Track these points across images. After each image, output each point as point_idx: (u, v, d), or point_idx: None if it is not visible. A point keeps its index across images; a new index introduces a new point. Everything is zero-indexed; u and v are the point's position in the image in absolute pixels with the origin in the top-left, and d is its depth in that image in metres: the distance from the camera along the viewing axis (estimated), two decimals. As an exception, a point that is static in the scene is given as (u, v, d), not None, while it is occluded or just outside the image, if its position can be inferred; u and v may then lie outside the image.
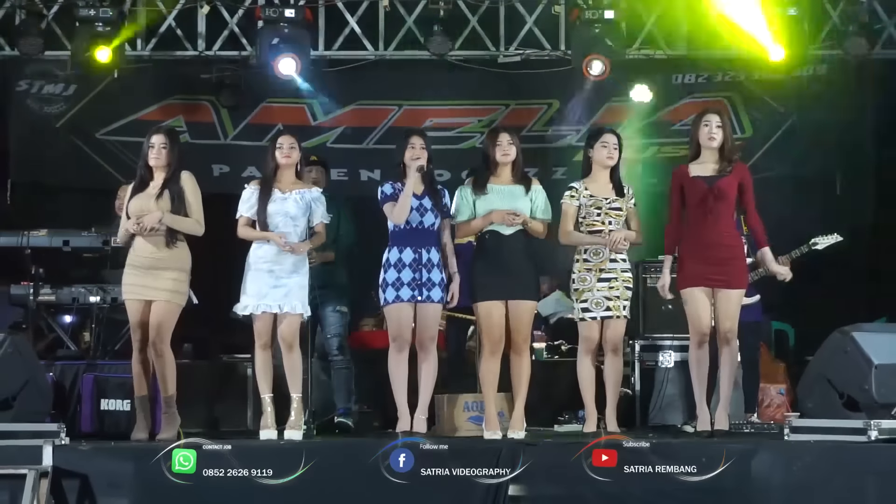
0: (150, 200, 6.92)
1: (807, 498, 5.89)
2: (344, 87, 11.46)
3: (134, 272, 6.94)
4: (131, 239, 6.95)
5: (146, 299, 6.91)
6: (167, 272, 6.92)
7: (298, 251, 6.87)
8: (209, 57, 10.55)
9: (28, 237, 8.24)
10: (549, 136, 11.55)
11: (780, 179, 10.78)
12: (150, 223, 6.85)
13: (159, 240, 6.89)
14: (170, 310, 6.93)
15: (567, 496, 5.91)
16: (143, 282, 6.91)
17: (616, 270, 7.08)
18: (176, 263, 6.97)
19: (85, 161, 11.21)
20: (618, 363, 7.17)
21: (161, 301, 6.90)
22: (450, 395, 7.71)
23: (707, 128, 7.04)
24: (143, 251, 6.91)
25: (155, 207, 6.89)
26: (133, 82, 10.90)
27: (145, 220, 6.85)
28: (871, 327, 6.89)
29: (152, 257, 6.90)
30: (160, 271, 6.91)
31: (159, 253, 6.91)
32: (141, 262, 6.92)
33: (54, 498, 5.76)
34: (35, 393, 6.64)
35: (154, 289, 6.90)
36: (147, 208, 6.90)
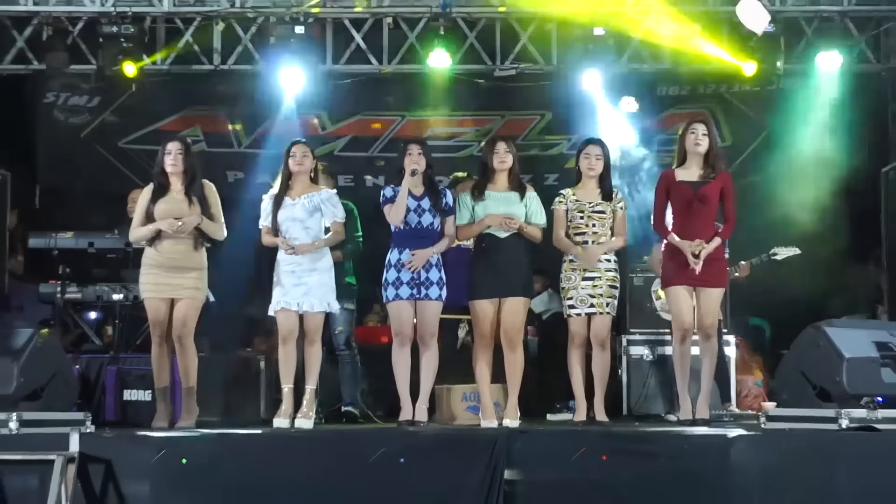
0: (181, 204, 6.94)
1: (782, 482, 5.88)
2: (350, 98, 11.49)
3: (156, 271, 6.94)
4: (153, 239, 6.95)
5: (169, 297, 6.92)
6: (190, 272, 6.95)
7: (299, 252, 6.86)
8: (224, 71, 10.57)
9: (55, 239, 8.25)
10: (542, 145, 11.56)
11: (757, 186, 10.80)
12: (192, 225, 6.88)
13: (188, 242, 6.92)
14: (193, 306, 6.96)
15: (558, 480, 5.90)
16: (166, 281, 6.92)
17: (601, 270, 7.10)
18: (197, 264, 7.00)
19: (108, 168, 11.23)
20: (605, 357, 7.17)
21: (186, 299, 6.92)
22: (449, 387, 7.74)
23: (693, 135, 7.06)
24: (169, 252, 6.92)
25: (189, 211, 6.91)
26: (153, 94, 10.93)
27: (187, 222, 6.87)
28: (842, 323, 6.91)
29: (178, 258, 6.92)
30: (184, 271, 6.93)
31: (186, 254, 6.93)
32: (165, 261, 6.92)
33: (80, 482, 5.76)
34: (62, 384, 6.65)
35: (178, 287, 6.92)
36: (180, 212, 6.91)
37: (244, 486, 5.90)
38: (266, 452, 6.19)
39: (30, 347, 6.40)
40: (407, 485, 5.90)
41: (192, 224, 6.89)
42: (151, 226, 6.92)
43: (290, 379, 6.92)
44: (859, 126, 10.85)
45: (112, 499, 5.81)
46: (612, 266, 7.16)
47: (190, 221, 6.88)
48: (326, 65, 10.40)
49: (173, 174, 6.99)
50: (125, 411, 7.72)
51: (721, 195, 7.02)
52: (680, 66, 10.65)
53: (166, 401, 7.00)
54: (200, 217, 6.90)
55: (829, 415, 6.23)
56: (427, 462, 5.97)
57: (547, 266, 7.86)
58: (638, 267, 8.39)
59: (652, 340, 8.47)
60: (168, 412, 6.98)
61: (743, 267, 8.33)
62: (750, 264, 8.30)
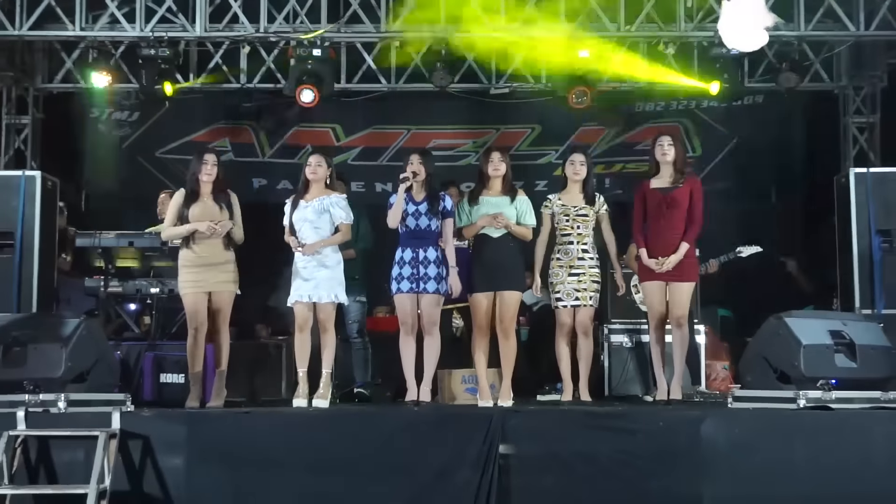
0: (213, 209, 6.95)
1: (747, 455, 5.89)
2: (362, 113, 11.50)
3: (193, 269, 6.93)
4: (187, 239, 6.94)
5: (206, 291, 6.92)
6: (223, 267, 6.95)
7: (307, 251, 6.86)
8: (249, 89, 10.56)
9: (99, 238, 8.23)
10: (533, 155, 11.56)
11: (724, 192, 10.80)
12: (227, 228, 6.89)
13: (220, 242, 6.93)
14: (228, 298, 6.98)
15: (546, 454, 5.91)
16: (203, 277, 6.92)
17: (584, 267, 7.12)
18: (228, 259, 7.00)
19: (147, 175, 11.23)
20: (588, 344, 7.19)
21: (222, 291, 6.93)
22: (449, 371, 7.73)
23: (661, 147, 7.08)
24: (203, 251, 6.91)
25: (220, 216, 6.93)
26: (186, 109, 10.93)
27: (224, 226, 6.88)
28: (800, 314, 6.89)
29: (212, 256, 6.92)
30: (217, 266, 6.93)
31: (218, 252, 6.93)
32: (201, 260, 6.91)
33: (121, 455, 5.78)
34: (105, 368, 6.65)
35: (214, 282, 6.92)
36: (212, 216, 6.91)
37: (268, 458, 5.92)
38: (287, 429, 6.21)
39: (77, 335, 6.40)
40: (412, 457, 5.90)
41: (227, 227, 6.91)
42: (189, 226, 6.91)
43: (305, 363, 6.91)
44: (814, 138, 10.87)
45: (149, 471, 5.82)
46: (595, 263, 7.18)
47: (225, 225, 6.91)
48: (341, 83, 10.38)
49: (207, 182, 6.99)
50: (161, 393, 7.71)
51: (689, 199, 7.02)
52: (654, 85, 10.65)
53: (198, 383, 6.99)
54: (232, 222, 6.94)
55: (789, 395, 6.26)
56: (430, 437, 5.99)
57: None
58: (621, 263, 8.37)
59: (631, 329, 8.44)
60: (199, 394, 6.98)
61: (712, 264, 8.36)
62: (719, 262, 8.32)
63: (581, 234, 7.15)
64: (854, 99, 10.84)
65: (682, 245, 6.96)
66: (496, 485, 5.79)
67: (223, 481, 5.84)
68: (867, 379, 6.37)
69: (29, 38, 9.88)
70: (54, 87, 10.77)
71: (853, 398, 6.24)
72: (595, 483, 5.83)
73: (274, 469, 5.87)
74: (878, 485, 5.76)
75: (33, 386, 6.09)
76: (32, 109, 10.72)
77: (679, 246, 6.95)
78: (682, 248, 6.95)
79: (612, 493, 5.81)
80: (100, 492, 5.53)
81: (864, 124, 10.81)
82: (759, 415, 6.22)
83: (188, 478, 5.84)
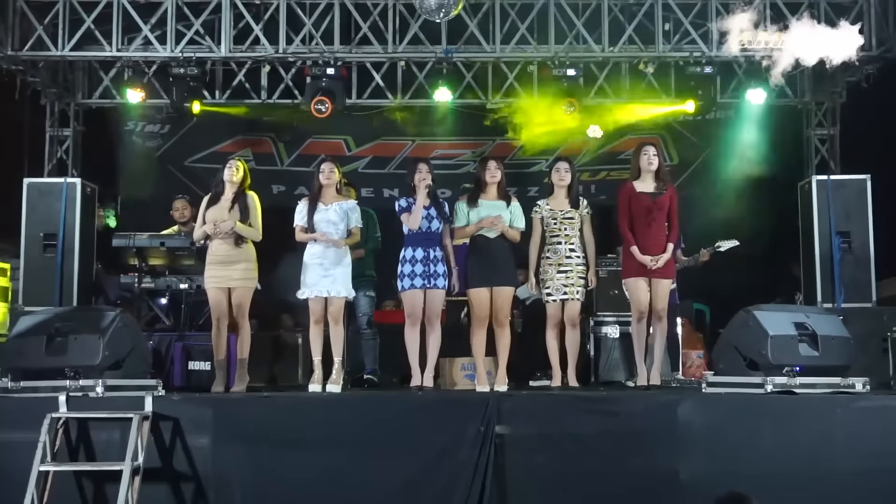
0: (223, 211, 6.94)
1: (719, 435, 5.89)
2: (370, 126, 11.49)
3: (214, 267, 6.94)
4: (207, 239, 6.95)
5: (226, 287, 6.91)
6: (239, 264, 6.93)
7: (338, 245, 6.87)
8: (269, 104, 10.56)
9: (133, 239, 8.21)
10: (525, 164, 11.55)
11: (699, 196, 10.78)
12: (225, 229, 6.86)
13: (230, 241, 6.91)
14: (246, 293, 6.96)
15: (538, 433, 5.90)
16: (223, 274, 6.91)
17: (571, 264, 7.12)
18: (245, 257, 6.98)
19: (176, 182, 11.20)
20: (576, 334, 7.17)
21: (240, 287, 6.92)
22: (450, 359, 7.72)
23: (646, 156, 7.06)
24: (219, 251, 6.92)
25: (228, 217, 6.91)
26: (212, 122, 10.90)
27: (222, 227, 6.86)
28: (767, 307, 6.88)
29: (227, 254, 6.91)
30: (234, 264, 6.92)
31: (231, 251, 6.92)
32: (219, 258, 6.92)
33: (153, 435, 5.77)
34: (139, 356, 6.65)
35: (232, 278, 6.91)
36: (221, 217, 6.91)
37: (286, 438, 5.91)
38: (303, 411, 6.21)
39: (113, 326, 6.39)
40: (417, 437, 5.90)
41: (226, 228, 6.87)
42: (203, 228, 6.95)
43: (319, 352, 6.90)
44: (780, 148, 10.85)
45: (179, 449, 5.81)
46: (581, 262, 7.17)
47: (223, 226, 6.87)
48: (352, 99, 10.38)
49: (229, 182, 6.99)
50: (189, 379, 7.69)
51: (669, 206, 7.02)
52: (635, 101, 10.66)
53: (223, 370, 6.99)
54: (234, 222, 6.88)
55: (757, 381, 6.26)
56: (433, 419, 5.97)
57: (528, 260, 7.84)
58: (603, 262, 8.36)
59: (615, 321, 8.45)
60: (224, 379, 6.97)
61: (703, 253, 8.35)
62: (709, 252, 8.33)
63: (568, 234, 7.14)
64: (816, 113, 10.86)
65: (669, 245, 6.97)
66: (492, 461, 5.77)
67: (245, 459, 5.83)
68: (828, 366, 6.37)
69: (70, 58, 9.90)
70: (93, 102, 10.78)
71: (815, 384, 6.23)
72: (582, 460, 5.82)
73: (291, 447, 5.86)
74: (838, 462, 5.75)
75: (74, 372, 6.09)
76: (73, 123, 10.73)
77: (666, 246, 6.96)
78: (669, 247, 6.97)
79: (597, 469, 5.80)
80: (134, 468, 5.52)
81: (824, 136, 10.84)
82: (731, 398, 6.21)
83: (214, 455, 5.83)
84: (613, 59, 10.13)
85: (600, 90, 10.52)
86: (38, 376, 6.15)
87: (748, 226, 9.73)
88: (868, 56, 9.65)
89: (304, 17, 9.81)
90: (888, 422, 5.93)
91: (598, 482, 5.77)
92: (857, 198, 8.54)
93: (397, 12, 9.83)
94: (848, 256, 8.46)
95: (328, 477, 5.80)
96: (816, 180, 8.75)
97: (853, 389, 6.22)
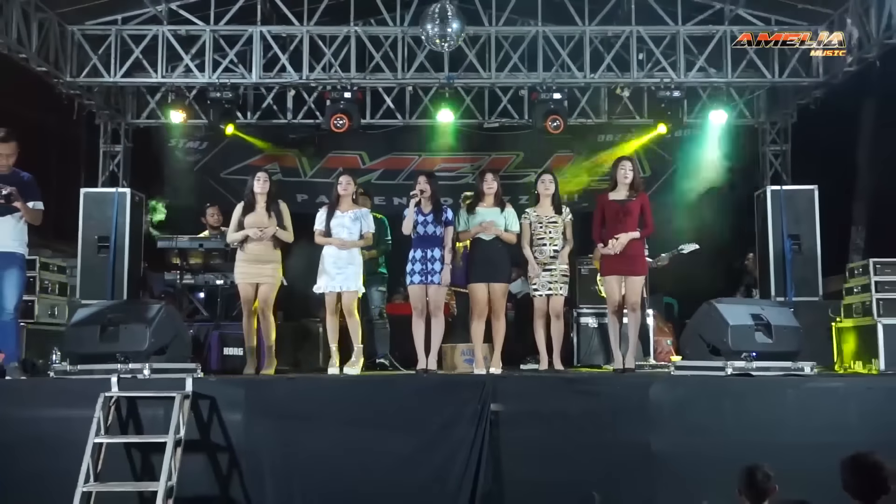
0: (263, 218, 6.93)
1: (685, 411, 5.88)
2: (382, 142, 11.50)
3: (245, 265, 6.94)
4: (243, 241, 6.94)
5: (255, 282, 6.91)
6: (269, 264, 6.93)
7: (346, 247, 6.87)
8: (294, 124, 10.58)
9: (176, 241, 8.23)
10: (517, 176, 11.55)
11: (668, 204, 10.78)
12: (271, 233, 6.87)
13: (268, 243, 6.91)
14: (271, 289, 6.95)
15: (529, 410, 5.89)
16: (253, 271, 6.91)
17: (556, 264, 7.13)
18: (275, 258, 6.99)
19: (213, 191, 11.21)
20: (560, 325, 7.16)
21: (266, 283, 6.91)
22: (452, 345, 7.72)
23: (623, 170, 7.03)
24: (252, 250, 6.91)
25: (268, 223, 6.91)
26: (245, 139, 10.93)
27: (266, 231, 6.86)
28: (727, 300, 6.87)
29: (259, 254, 6.91)
30: (265, 263, 6.92)
31: (266, 251, 6.92)
32: (251, 257, 6.91)
33: (193, 412, 5.77)
34: (180, 343, 6.65)
35: (261, 275, 6.90)
36: (262, 223, 6.91)
37: (308, 414, 5.90)
38: (323, 391, 6.20)
39: (158, 317, 6.39)
40: (422, 414, 5.88)
41: (270, 233, 6.88)
42: (242, 232, 6.93)
43: (335, 339, 6.89)
44: (739, 162, 10.86)
45: (215, 424, 5.81)
46: (564, 261, 7.19)
47: (269, 231, 6.88)
48: (366, 119, 10.39)
49: (259, 194, 6.99)
50: (224, 363, 7.71)
51: (641, 210, 7.01)
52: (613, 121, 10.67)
53: (253, 356, 6.98)
54: (276, 227, 6.91)
55: (719, 365, 6.24)
56: (436, 398, 5.96)
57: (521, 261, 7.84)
58: (584, 262, 8.38)
59: (595, 313, 8.45)
60: (254, 363, 6.97)
61: (664, 258, 8.32)
62: (669, 256, 8.30)
63: (552, 237, 7.14)
64: (770, 132, 10.88)
65: (633, 233, 6.86)
66: (488, 435, 5.76)
67: (273, 432, 5.82)
68: (780, 352, 6.35)
69: (121, 83, 9.93)
70: (141, 122, 10.83)
71: (769, 367, 6.22)
72: (566, 433, 5.80)
73: (313, 422, 5.85)
74: (789, 435, 5.74)
75: (124, 357, 6.09)
76: (124, 140, 10.77)
77: (630, 233, 6.86)
78: (632, 234, 6.85)
79: (579, 442, 5.78)
80: (176, 441, 5.52)
81: (777, 151, 10.86)
82: (695, 380, 6.20)
83: (245, 429, 5.81)
84: (594, 85, 10.15)
85: (582, 111, 10.56)
86: (93, 360, 6.15)
87: (712, 230, 9.74)
88: (816, 82, 9.68)
89: (324, 47, 9.83)
90: (832, 400, 5.92)
91: (579, 452, 5.75)
92: (806, 205, 8.55)
93: (406, 44, 9.85)
94: (798, 256, 8.47)
95: (344, 448, 5.79)
96: (770, 190, 8.75)
97: (802, 372, 6.21)
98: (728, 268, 10.01)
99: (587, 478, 5.60)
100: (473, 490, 5.68)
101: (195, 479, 5.65)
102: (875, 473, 3.71)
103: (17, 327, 6.44)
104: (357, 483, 5.72)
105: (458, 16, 8.68)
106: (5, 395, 5.89)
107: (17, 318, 6.37)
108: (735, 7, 9.64)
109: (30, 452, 5.67)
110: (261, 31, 9.73)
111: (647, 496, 5.64)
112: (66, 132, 10.08)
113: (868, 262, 7.49)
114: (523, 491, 5.72)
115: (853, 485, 3.78)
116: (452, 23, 8.58)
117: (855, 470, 3.77)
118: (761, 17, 9.69)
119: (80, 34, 9.67)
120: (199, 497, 5.67)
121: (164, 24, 9.72)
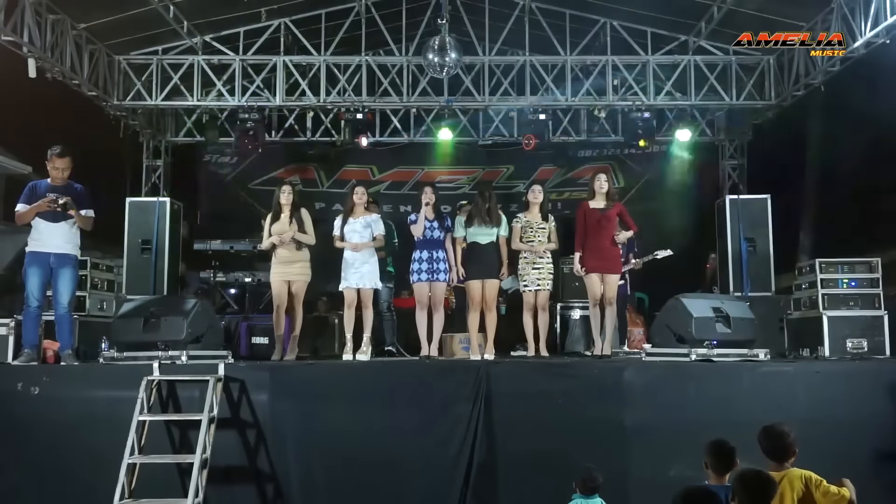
0: (285, 225, 6.93)
1: (655, 392, 5.88)
2: (390, 157, 11.50)
3: (279, 266, 6.93)
4: (273, 246, 6.94)
5: (287, 280, 6.90)
6: (298, 263, 6.93)
7: (359, 249, 6.86)
8: (313, 141, 10.58)
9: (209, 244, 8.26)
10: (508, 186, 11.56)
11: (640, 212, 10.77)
12: (288, 238, 6.87)
13: (292, 246, 6.91)
14: (302, 285, 6.95)
15: (518, 391, 5.90)
16: (285, 270, 6.91)
17: (543, 263, 7.12)
18: (303, 258, 6.97)
19: (243, 201, 11.24)
20: (546, 316, 7.14)
21: (298, 281, 6.91)
22: (451, 334, 7.72)
23: (599, 181, 7.06)
24: (282, 254, 6.91)
25: (289, 229, 6.91)
26: (270, 155, 10.92)
27: (284, 237, 6.87)
28: (691, 295, 6.89)
29: (288, 256, 6.91)
30: (294, 263, 6.91)
31: (292, 254, 6.91)
32: (283, 259, 6.91)
33: (225, 393, 5.77)
34: (214, 333, 6.67)
35: (292, 273, 6.90)
36: (286, 230, 6.91)
37: (325, 394, 5.91)
38: (338, 374, 6.21)
39: (194, 310, 6.42)
40: (425, 394, 5.89)
41: (288, 237, 6.87)
42: (269, 239, 6.94)
43: (351, 330, 6.89)
44: (701, 175, 10.87)
45: (244, 403, 5.82)
46: (549, 261, 7.18)
47: (286, 237, 6.86)
48: (375, 136, 10.41)
49: (285, 204, 6.99)
50: (252, 350, 7.73)
51: (619, 217, 7.02)
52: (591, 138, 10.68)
53: (279, 344, 6.98)
54: (294, 232, 6.88)
55: (684, 352, 6.27)
56: (437, 381, 5.96)
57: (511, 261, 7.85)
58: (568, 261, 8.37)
59: (577, 306, 8.45)
60: (280, 350, 6.97)
61: (636, 263, 8.31)
62: (642, 261, 8.30)
63: (541, 240, 7.14)
64: (728, 148, 10.88)
65: (628, 232, 7.00)
66: (483, 413, 5.77)
67: (295, 410, 5.82)
68: (738, 341, 6.38)
69: (161, 106, 9.92)
70: (179, 140, 10.81)
71: (728, 354, 6.24)
72: (551, 411, 5.81)
73: (329, 402, 5.85)
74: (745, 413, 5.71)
75: (164, 345, 6.13)
76: (164, 155, 10.75)
77: (621, 234, 6.96)
78: (623, 234, 6.97)
79: (562, 419, 5.79)
80: (210, 418, 5.54)
81: (735, 165, 10.85)
82: (663, 365, 6.21)
83: (271, 408, 5.82)
84: (574, 107, 10.15)
85: (564, 130, 10.57)
86: (137, 348, 6.17)
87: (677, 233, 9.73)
88: (768, 105, 9.70)
89: (339, 74, 9.83)
90: (783, 383, 5.94)
91: (562, 428, 5.75)
92: (760, 212, 8.56)
93: (410, 71, 9.87)
94: (753, 257, 8.48)
95: (356, 424, 5.80)
96: (729, 199, 8.76)
97: (757, 358, 6.23)
98: (692, 267, 10.01)
99: (569, 449, 5.60)
100: (470, 459, 5.68)
101: (227, 451, 5.67)
102: (782, 439, 4.03)
103: (71, 319, 6.45)
104: (368, 453, 5.73)
105: (456, 47, 8.72)
106: (61, 379, 5.91)
107: (71, 311, 6.40)
108: (698, 39, 9.67)
109: (83, 428, 5.69)
110: (284, 61, 9.73)
111: (621, 465, 5.64)
112: (113, 149, 10.09)
113: (815, 262, 7.50)
114: (514, 461, 5.73)
115: (768, 448, 4.06)
116: (451, 53, 8.61)
117: (767, 437, 4.08)
118: (721, 47, 9.71)
119: (126, 63, 9.68)
120: (231, 467, 5.68)
121: (199, 55, 9.73)
